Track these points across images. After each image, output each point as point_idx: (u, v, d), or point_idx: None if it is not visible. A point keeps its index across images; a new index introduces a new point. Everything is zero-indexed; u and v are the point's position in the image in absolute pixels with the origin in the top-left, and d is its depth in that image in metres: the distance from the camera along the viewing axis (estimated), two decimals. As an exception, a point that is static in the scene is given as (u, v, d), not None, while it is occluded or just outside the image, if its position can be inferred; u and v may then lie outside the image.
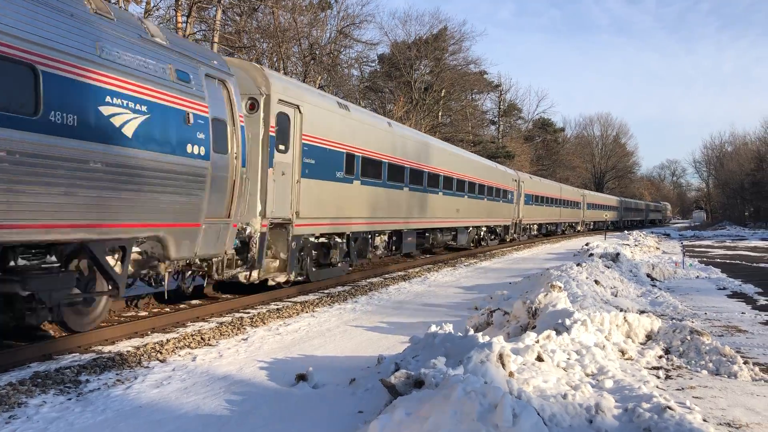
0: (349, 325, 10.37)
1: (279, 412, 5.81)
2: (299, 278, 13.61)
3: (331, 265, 14.99)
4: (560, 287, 10.31)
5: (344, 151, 14.87)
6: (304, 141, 12.84)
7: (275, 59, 31.07)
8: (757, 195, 79.61)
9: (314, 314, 11.19)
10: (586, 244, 28.71)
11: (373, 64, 47.59)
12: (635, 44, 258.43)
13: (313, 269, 14.20)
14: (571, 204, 53.32)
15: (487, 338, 6.44)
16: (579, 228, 58.78)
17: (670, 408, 5.07)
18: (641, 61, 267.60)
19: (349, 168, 15.16)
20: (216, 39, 26.47)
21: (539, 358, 6.32)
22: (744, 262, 24.16)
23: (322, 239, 14.48)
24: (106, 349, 8.07)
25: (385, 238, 18.27)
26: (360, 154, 15.68)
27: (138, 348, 8.13)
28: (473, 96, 60.11)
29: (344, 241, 15.32)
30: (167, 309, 10.89)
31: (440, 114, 50.74)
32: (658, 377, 6.95)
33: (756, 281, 16.77)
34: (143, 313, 10.42)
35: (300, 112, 12.68)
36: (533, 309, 8.89)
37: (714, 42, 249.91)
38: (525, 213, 37.63)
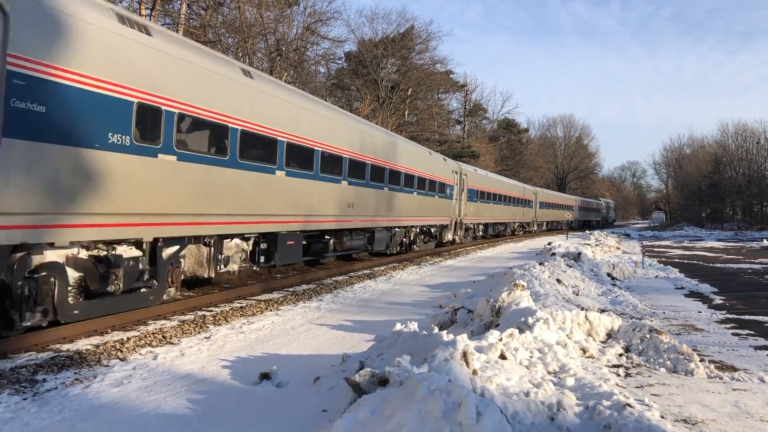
0: (314, 323, 10.32)
1: (242, 411, 5.75)
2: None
3: None
4: (523, 286, 10.42)
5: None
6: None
7: (241, 55, 30.75)
8: (713, 197, 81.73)
9: (278, 312, 11.11)
10: (549, 244, 29.10)
11: (340, 62, 47.55)
12: (599, 47, 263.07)
13: None
14: (522, 202, 49.70)
15: (451, 336, 6.47)
16: (533, 228, 55.85)
17: (629, 405, 5.17)
18: (605, 64, 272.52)
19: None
20: (180, 33, 26.05)
21: (502, 356, 6.38)
22: (701, 263, 24.76)
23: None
24: (65, 347, 7.89)
25: (245, 245, 12.75)
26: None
27: (98, 346, 7.97)
28: (439, 95, 60.45)
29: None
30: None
31: (407, 113, 50.86)
32: (619, 375, 7.07)
33: (712, 281, 17.20)
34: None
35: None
36: (497, 307, 8.97)
37: (675, 47, 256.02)
38: (468, 211, 33.09)
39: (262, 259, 13.27)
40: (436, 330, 7.57)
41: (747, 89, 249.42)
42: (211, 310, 10.99)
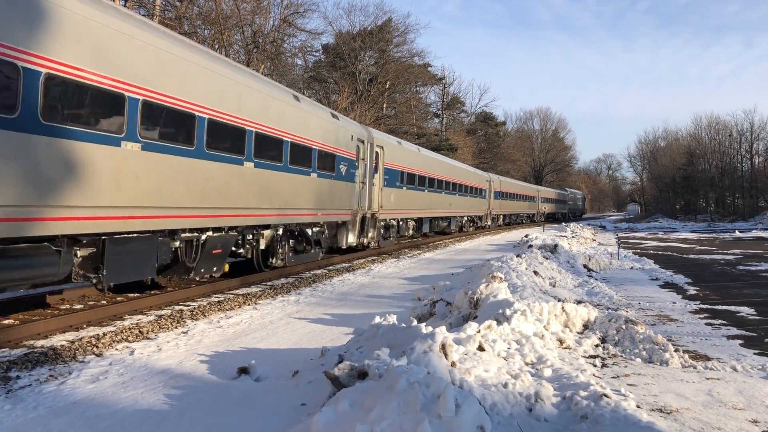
0: (293, 317, 10.29)
1: (220, 405, 5.72)
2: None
3: None
4: (501, 278, 10.49)
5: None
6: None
7: (217, 47, 30.44)
8: (687, 189, 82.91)
9: (257, 307, 11.06)
10: (526, 236, 29.31)
11: (318, 54, 47.31)
12: (576, 41, 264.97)
13: None
14: (472, 191, 39.85)
15: (430, 329, 6.49)
16: (487, 223, 46.91)
17: (606, 396, 5.24)
18: (581, 58, 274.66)
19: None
20: (155, 21, 25.70)
21: (480, 348, 6.41)
22: (675, 254, 25.12)
23: None
24: (39, 343, 7.78)
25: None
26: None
27: (73, 342, 7.86)
28: (417, 88, 60.49)
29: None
30: (103, 302, 10.58)
31: (385, 106, 50.81)
32: (595, 365, 7.15)
33: (686, 272, 17.46)
34: (78, 306, 10.09)
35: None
36: (475, 299, 9.02)
37: (650, 40, 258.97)
38: (387, 201, 23.07)
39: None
40: (415, 322, 7.59)
41: (720, 82, 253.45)
42: (189, 305, 10.91)
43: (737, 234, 43.89)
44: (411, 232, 28.22)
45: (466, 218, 39.67)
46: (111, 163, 8.58)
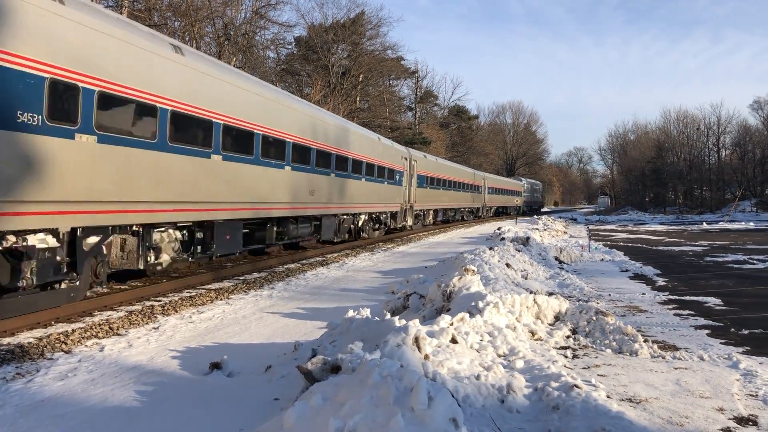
0: (266, 311, 10.24)
1: (192, 401, 5.67)
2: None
3: None
4: (473, 271, 10.54)
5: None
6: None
7: (188, 39, 30.04)
8: (656, 181, 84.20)
9: (229, 301, 10.98)
10: (498, 229, 29.54)
11: (290, 47, 47.00)
12: (548, 35, 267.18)
13: None
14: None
15: (403, 322, 6.51)
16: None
17: (577, 386, 5.30)
18: (553, 52, 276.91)
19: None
20: (125, 15, 25.26)
21: (453, 340, 6.45)
22: (645, 246, 25.52)
23: None
24: (5, 341, 7.62)
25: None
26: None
27: (41, 339, 7.72)
28: (390, 82, 60.43)
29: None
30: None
31: (358, 99, 50.69)
32: (566, 357, 7.23)
33: (655, 263, 17.75)
34: (46, 303, 9.90)
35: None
36: (448, 292, 9.06)
37: (621, 35, 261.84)
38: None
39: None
40: (389, 316, 7.60)
41: (689, 77, 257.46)
42: (160, 300, 10.79)
43: (705, 226, 44.73)
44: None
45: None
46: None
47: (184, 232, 11.91)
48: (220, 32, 32.80)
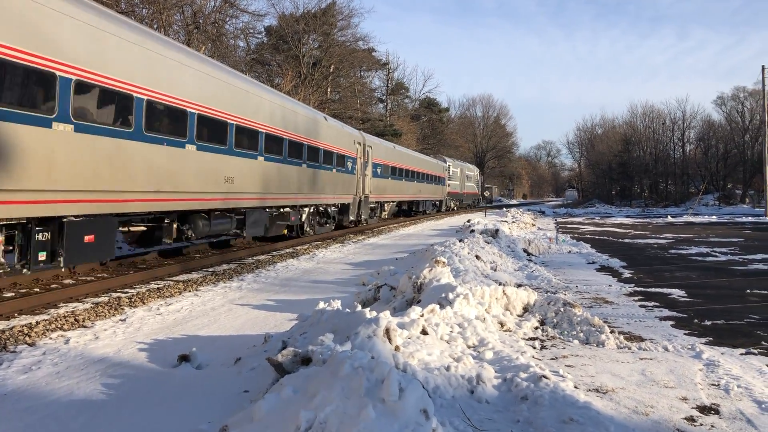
0: (235, 303, 10.16)
1: (160, 394, 5.60)
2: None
3: None
4: (444, 262, 10.60)
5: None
6: None
7: (156, 27, 29.51)
8: (623, 175, 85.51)
9: (198, 293, 10.87)
10: (468, 221, 29.71)
11: (260, 36, 46.51)
12: (519, 29, 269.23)
13: None
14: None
15: (374, 313, 6.51)
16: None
17: (545, 377, 5.36)
18: (524, 46, 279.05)
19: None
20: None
21: (424, 332, 6.47)
22: (611, 238, 25.90)
23: None
24: (-34, 334, 7.45)
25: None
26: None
27: (3, 332, 7.56)
28: (362, 73, 60.23)
29: None
30: (36, 289, 10.20)
31: (329, 90, 50.42)
32: (535, 347, 7.31)
33: (621, 256, 18.03)
34: (9, 294, 9.69)
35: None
36: (418, 284, 9.09)
37: (590, 29, 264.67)
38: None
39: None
40: (360, 307, 7.59)
41: (655, 72, 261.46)
42: (127, 292, 10.63)
43: (669, 219, 45.56)
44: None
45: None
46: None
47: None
48: (189, 20, 32.28)
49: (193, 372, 6.26)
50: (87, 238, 9.62)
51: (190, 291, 11.04)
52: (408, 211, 42.05)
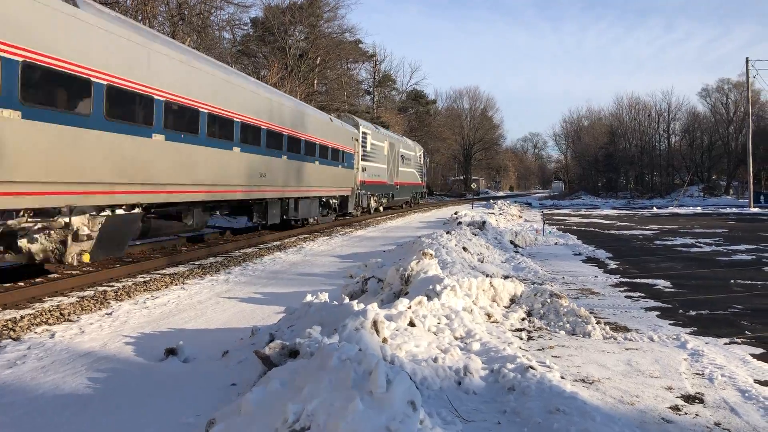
0: (222, 296, 10.12)
1: (147, 388, 5.58)
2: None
3: None
4: (431, 254, 10.61)
5: None
6: None
7: (140, 18, 29.23)
8: (608, 167, 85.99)
9: (184, 286, 10.82)
10: (455, 213, 29.76)
11: (246, 28, 46.18)
12: (507, 21, 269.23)
13: None
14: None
15: (361, 306, 6.51)
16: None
17: (532, 368, 5.40)
18: (511, 38, 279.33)
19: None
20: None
21: (412, 324, 6.49)
22: (597, 230, 26.06)
23: None
24: (-51, 329, 7.37)
25: None
26: None
27: (-13, 327, 7.49)
28: (348, 65, 60.03)
29: None
30: (21, 283, 10.11)
31: (316, 82, 50.21)
32: (521, 338, 7.35)
33: (607, 247, 18.15)
34: (-8, 289, 9.60)
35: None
36: (406, 276, 9.10)
37: (577, 22, 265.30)
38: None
39: None
40: (347, 300, 7.59)
41: (641, 64, 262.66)
42: (113, 285, 10.56)
43: (655, 210, 45.95)
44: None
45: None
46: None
47: None
48: (174, 12, 32.01)
49: (180, 365, 6.23)
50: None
51: (176, 284, 10.99)
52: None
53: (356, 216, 31.18)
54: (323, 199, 24.79)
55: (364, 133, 31.65)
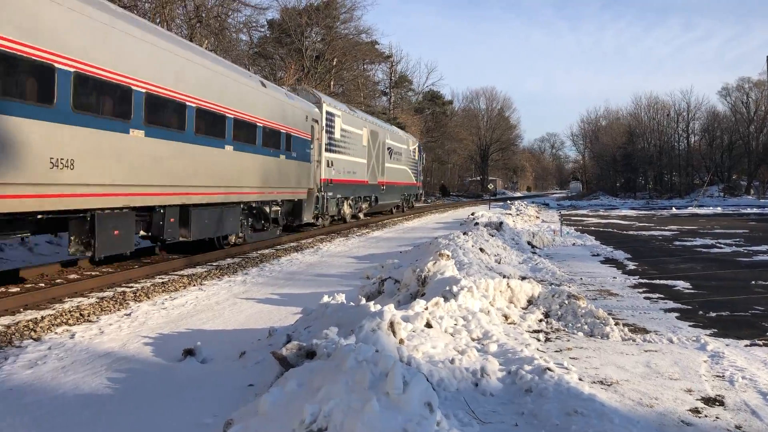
0: (239, 297, 10.18)
1: (165, 388, 5.62)
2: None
3: None
4: (448, 255, 10.59)
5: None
6: None
7: (158, 21, 29.49)
8: (627, 167, 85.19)
9: (202, 287, 10.89)
10: (472, 214, 29.68)
11: (263, 30, 46.38)
12: (523, 20, 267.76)
13: None
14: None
15: (378, 307, 6.51)
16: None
17: (549, 369, 5.36)
18: (528, 37, 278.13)
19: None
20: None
21: (428, 325, 6.48)
22: (615, 230, 25.85)
23: None
24: (-28, 329, 7.47)
25: None
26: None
27: (8, 327, 7.59)
28: (365, 66, 60.07)
29: None
30: (42, 284, 10.23)
31: (332, 83, 50.33)
32: (539, 340, 7.31)
33: (625, 248, 18.00)
34: (15, 290, 9.72)
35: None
36: (423, 277, 9.09)
37: (595, 21, 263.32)
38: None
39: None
40: (364, 301, 7.60)
41: (660, 64, 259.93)
42: (132, 286, 10.66)
43: (674, 211, 45.48)
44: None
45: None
46: None
47: None
48: (191, 14, 32.25)
49: (198, 366, 6.28)
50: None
51: (194, 285, 11.07)
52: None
53: (322, 227, 23.43)
54: (254, 207, 16.65)
55: (330, 113, 23.26)
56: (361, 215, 29.53)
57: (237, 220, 15.41)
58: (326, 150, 22.76)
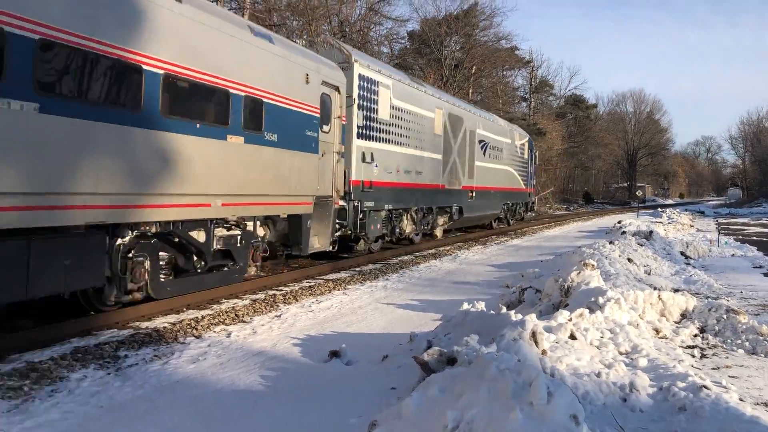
0: (381, 302, 10.43)
1: (312, 387, 5.89)
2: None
3: None
4: (593, 265, 10.22)
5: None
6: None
7: (306, 37, 31.00)
8: (796, 171, 77.62)
9: (346, 292, 11.27)
10: (619, 222, 28.36)
11: (403, 41, 47.28)
12: (675, 18, 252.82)
13: None
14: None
15: (519, 316, 6.43)
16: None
17: (706, 387, 5.02)
18: (680, 36, 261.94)
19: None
20: (246, 17, 26.47)
21: (572, 337, 6.29)
22: (782, 240, 23.65)
23: None
24: (143, 325, 8.24)
25: None
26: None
27: (174, 324, 8.28)
28: (504, 72, 59.39)
29: None
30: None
31: (471, 91, 50.23)
32: (693, 356, 6.87)
33: (794, 260, 16.41)
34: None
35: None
36: (565, 287, 8.84)
37: (757, 15, 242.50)
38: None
39: None
40: (504, 310, 7.53)
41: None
42: (281, 290, 11.25)
43: None
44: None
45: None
46: None
47: None
48: (336, 29, 33.62)
49: (343, 367, 6.51)
50: None
51: (338, 289, 11.48)
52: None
53: (366, 253, 16.17)
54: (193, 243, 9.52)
55: (367, 80, 15.31)
56: (437, 233, 21.32)
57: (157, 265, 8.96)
58: (360, 136, 14.96)
